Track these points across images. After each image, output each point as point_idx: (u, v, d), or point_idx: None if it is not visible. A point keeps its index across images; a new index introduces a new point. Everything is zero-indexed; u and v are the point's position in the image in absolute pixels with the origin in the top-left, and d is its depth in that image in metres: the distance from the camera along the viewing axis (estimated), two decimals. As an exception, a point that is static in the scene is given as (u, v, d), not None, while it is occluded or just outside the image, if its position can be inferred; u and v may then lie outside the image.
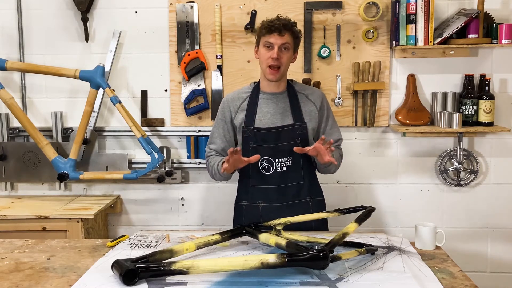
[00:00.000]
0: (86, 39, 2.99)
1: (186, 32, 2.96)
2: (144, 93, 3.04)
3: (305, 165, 2.34)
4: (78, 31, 3.01)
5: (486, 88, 2.87)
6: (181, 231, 2.28)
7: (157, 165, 2.82)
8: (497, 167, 3.01)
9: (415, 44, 2.81)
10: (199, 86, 2.98)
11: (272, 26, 2.23)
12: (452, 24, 2.81)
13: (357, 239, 2.03)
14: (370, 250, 1.89)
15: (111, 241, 2.07)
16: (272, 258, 1.62)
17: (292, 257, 1.64)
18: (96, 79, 2.74)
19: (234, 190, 2.45)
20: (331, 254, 1.67)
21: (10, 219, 2.69)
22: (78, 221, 2.68)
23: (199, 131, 3.00)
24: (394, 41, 2.85)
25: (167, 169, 2.99)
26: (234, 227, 2.23)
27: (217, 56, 2.95)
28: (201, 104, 2.98)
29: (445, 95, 2.94)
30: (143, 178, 2.93)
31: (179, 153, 3.06)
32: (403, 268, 1.76)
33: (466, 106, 2.88)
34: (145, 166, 2.88)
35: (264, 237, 1.92)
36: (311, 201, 2.36)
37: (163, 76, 3.02)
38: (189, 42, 2.96)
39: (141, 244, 2.04)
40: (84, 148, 2.97)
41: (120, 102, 2.74)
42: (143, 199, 3.10)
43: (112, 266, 1.70)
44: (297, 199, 2.33)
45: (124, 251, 1.96)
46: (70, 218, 2.68)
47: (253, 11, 2.93)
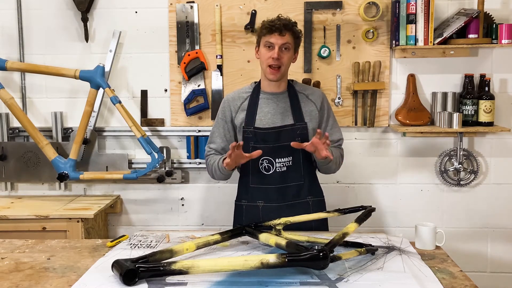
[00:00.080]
0: (86, 39, 2.99)
1: (186, 32, 2.96)
2: (144, 93, 3.04)
3: (305, 165, 2.34)
4: (78, 31, 3.01)
5: (486, 88, 2.87)
6: (181, 231, 2.27)
7: (157, 165, 2.82)
8: (497, 167, 3.01)
9: (415, 44, 2.81)
10: (199, 86, 2.98)
11: (273, 26, 2.22)
12: (452, 24, 2.81)
13: (357, 239, 2.03)
14: (370, 250, 1.89)
15: (111, 241, 2.06)
16: (272, 258, 1.62)
17: (292, 257, 1.64)
18: (96, 79, 2.74)
19: (234, 190, 2.45)
20: (331, 254, 1.67)
21: (10, 219, 2.69)
22: (78, 221, 2.68)
23: (199, 131, 3.00)
24: (394, 41, 2.85)
25: (167, 169, 2.99)
26: (234, 227, 2.23)
27: (217, 56, 2.95)
28: (201, 104, 2.98)
29: (445, 95, 2.93)
30: (143, 178, 2.93)
31: (179, 153, 3.06)
32: (403, 268, 1.76)
33: (466, 106, 2.88)
34: (145, 166, 2.88)
35: (264, 237, 1.92)
36: (311, 201, 2.36)
37: (163, 76, 3.02)
38: (189, 42, 2.96)
39: (141, 244, 2.04)
40: (84, 148, 2.97)
41: (120, 102, 2.74)
42: (143, 199, 3.10)
43: (112, 266, 1.70)
44: (297, 199, 2.33)
45: (124, 251, 1.96)
46: (70, 218, 2.68)
47: (253, 11, 2.93)
